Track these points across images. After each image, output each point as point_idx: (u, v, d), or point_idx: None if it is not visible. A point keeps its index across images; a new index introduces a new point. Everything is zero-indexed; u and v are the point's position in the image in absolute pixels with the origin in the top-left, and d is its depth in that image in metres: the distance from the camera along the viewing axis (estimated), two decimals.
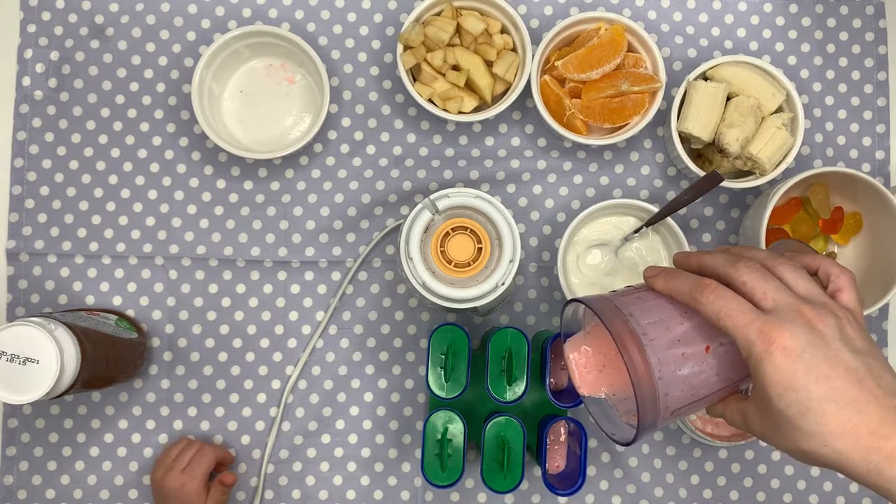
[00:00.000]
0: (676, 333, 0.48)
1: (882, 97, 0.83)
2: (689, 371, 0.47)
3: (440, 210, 0.64)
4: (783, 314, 0.44)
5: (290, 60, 0.80)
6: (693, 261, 0.50)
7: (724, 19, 0.83)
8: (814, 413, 0.42)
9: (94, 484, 0.78)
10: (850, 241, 0.80)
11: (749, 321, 0.44)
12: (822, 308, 0.44)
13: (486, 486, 0.66)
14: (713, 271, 0.48)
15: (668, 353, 0.47)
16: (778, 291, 0.45)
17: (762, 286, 0.45)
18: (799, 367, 0.42)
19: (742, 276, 0.46)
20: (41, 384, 0.61)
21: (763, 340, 0.43)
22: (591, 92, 0.76)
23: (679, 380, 0.47)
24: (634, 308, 0.49)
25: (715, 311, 0.45)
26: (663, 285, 0.49)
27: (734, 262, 0.47)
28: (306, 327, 0.80)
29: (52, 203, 0.80)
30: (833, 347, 0.43)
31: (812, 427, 0.42)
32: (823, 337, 0.43)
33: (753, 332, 0.43)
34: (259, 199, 0.81)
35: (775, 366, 0.43)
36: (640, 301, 0.50)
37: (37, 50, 0.80)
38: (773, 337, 0.43)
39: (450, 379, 0.67)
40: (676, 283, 0.48)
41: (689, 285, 0.47)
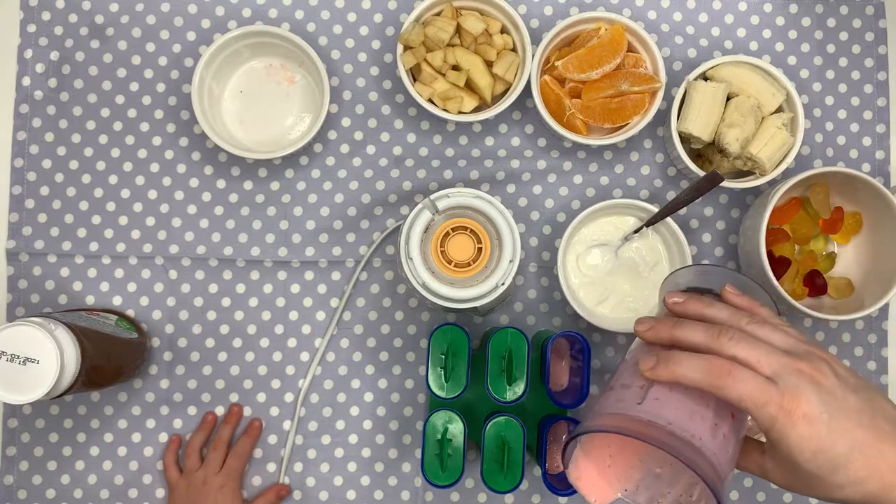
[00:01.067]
0: (712, 418, 0.47)
1: (882, 97, 0.83)
2: (732, 448, 0.47)
3: (440, 210, 0.64)
4: (788, 379, 0.45)
5: (290, 60, 0.80)
6: (664, 335, 0.50)
7: (724, 19, 0.83)
8: (842, 468, 0.44)
9: (94, 483, 0.78)
10: (850, 241, 0.80)
11: (767, 399, 0.44)
12: (811, 358, 0.46)
13: (486, 486, 0.66)
14: (693, 345, 0.48)
15: (715, 443, 0.46)
16: (769, 355, 0.46)
17: (753, 356, 0.46)
18: (822, 430, 0.44)
19: (730, 349, 0.46)
20: (41, 384, 0.61)
21: (785, 414, 0.44)
22: (591, 92, 0.76)
23: (728, 460, 0.47)
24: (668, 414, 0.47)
25: (736, 395, 0.45)
26: (669, 375, 0.47)
27: (717, 336, 0.47)
28: (306, 327, 0.80)
29: (52, 203, 0.80)
30: (839, 396, 0.45)
31: (844, 479, 0.44)
32: (829, 390, 0.45)
33: (774, 408, 0.44)
34: (259, 199, 0.81)
35: (801, 435, 0.44)
36: (660, 405, 0.47)
37: (37, 50, 0.80)
38: (792, 409, 0.44)
39: (450, 379, 0.67)
40: (685, 371, 0.46)
41: (701, 371, 0.46)
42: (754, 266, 0.74)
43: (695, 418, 0.46)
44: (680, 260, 0.76)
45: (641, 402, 0.48)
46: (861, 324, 0.81)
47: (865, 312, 0.73)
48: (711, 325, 0.48)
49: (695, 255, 0.80)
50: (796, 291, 0.77)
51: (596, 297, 0.78)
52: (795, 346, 0.47)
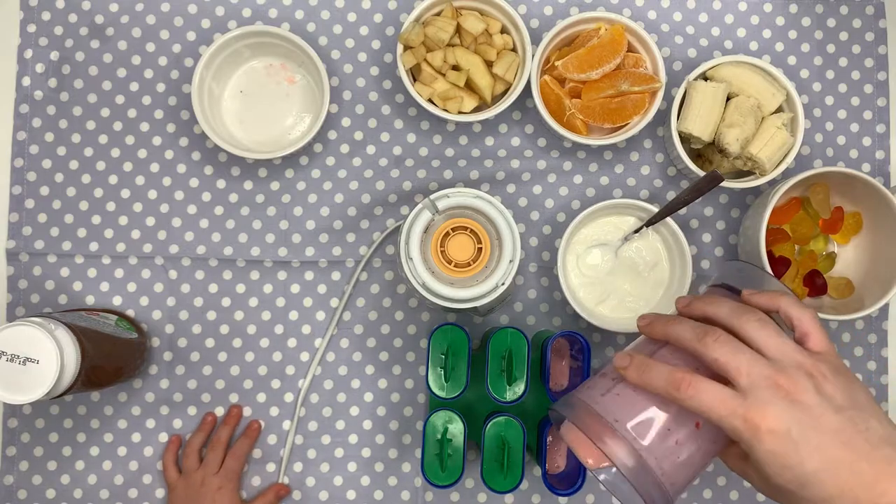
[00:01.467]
0: (665, 424, 0.48)
1: (882, 97, 0.83)
2: (687, 454, 0.48)
3: (440, 210, 0.64)
4: (761, 393, 0.45)
5: (290, 60, 0.80)
6: (658, 332, 0.51)
7: (724, 19, 0.83)
8: (812, 485, 0.44)
9: (94, 483, 0.78)
10: (850, 241, 0.80)
11: (731, 410, 0.45)
12: (795, 371, 0.45)
13: (486, 486, 0.66)
14: (681, 344, 0.49)
15: (662, 447, 0.47)
16: (751, 364, 0.45)
17: (734, 362, 0.46)
18: (788, 447, 0.44)
19: (712, 352, 0.46)
20: (41, 384, 0.61)
21: (749, 427, 0.44)
22: (591, 92, 0.76)
23: (680, 465, 0.48)
24: (618, 411, 0.49)
25: (696, 405, 0.46)
26: (637, 378, 0.48)
27: (702, 337, 0.47)
28: (306, 327, 0.80)
29: (52, 203, 0.80)
30: (815, 414, 0.44)
31: (814, 495, 0.44)
32: (804, 407, 0.44)
33: (738, 420, 0.44)
34: (259, 199, 0.81)
35: (766, 450, 0.44)
36: (619, 400, 0.49)
37: (37, 50, 0.80)
38: (756, 422, 0.44)
39: (450, 379, 0.67)
40: (651, 378, 0.48)
41: (663, 381, 0.47)
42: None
43: (646, 421, 0.48)
44: (680, 260, 0.76)
45: (605, 394, 0.50)
46: (861, 324, 0.81)
47: (865, 312, 0.73)
48: (701, 326, 0.48)
49: (695, 255, 0.80)
50: (796, 291, 0.77)
51: (596, 297, 0.78)
52: (786, 356, 0.46)
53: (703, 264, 0.81)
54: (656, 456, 0.47)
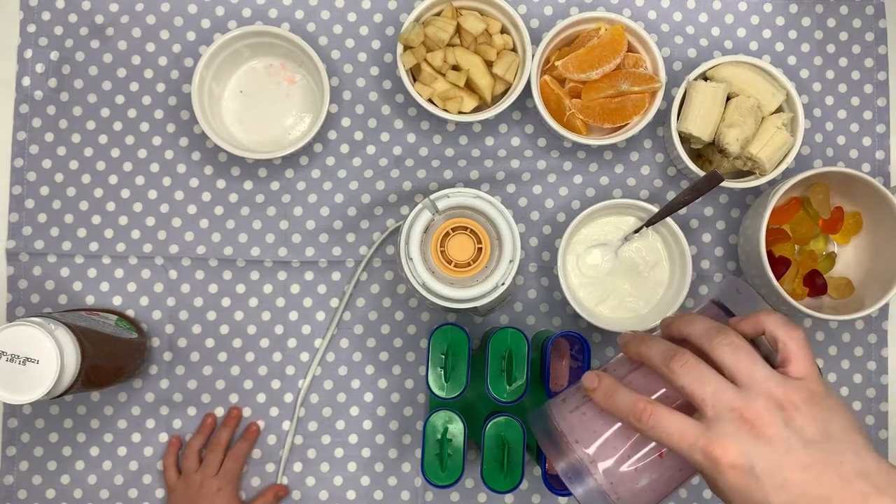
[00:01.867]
0: (625, 450, 0.48)
1: (882, 97, 0.83)
2: (647, 481, 0.48)
3: (440, 210, 0.64)
4: (724, 425, 0.43)
5: (290, 60, 0.80)
6: (632, 352, 0.49)
7: (724, 19, 0.83)
8: None
9: (94, 483, 0.78)
10: (850, 241, 0.80)
11: (691, 443, 0.43)
12: (765, 403, 0.43)
13: (486, 486, 0.66)
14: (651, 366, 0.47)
15: (621, 472, 0.47)
16: (716, 395, 0.44)
17: (700, 391, 0.44)
18: (751, 483, 0.42)
19: (678, 379, 0.45)
20: (41, 384, 0.61)
21: (710, 461, 0.43)
22: (591, 92, 0.76)
23: (639, 491, 0.47)
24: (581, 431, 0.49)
25: (657, 436, 0.45)
26: (603, 402, 0.48)
27: (668, 361, 0.46)
28: (306, 327, 0.80)
29: (52, 203, 0.80)
30: (782, 449, 0.42)
31: None
32: (770, 442, 0.42)
33: (698, 454, 0.43)
34: (259, 199, 0.81)
35: (729, 485, 0.43)
36: (584, 420, 0.49)
37: (37, 50, 0.80)
38: (717, 456, 0.42)
39: (450, 379, 0.67)
40: (616, 403, 0.47)
41: (626, 407, 0.46)
42: (754, 266, 0.74)
43: (606, 444, 0.48)
44: (680, 260, 0.76)
45: (573, 410, 0.50)
46: (861, 324, 0.81)
47: (865, 312, 0.73)
48: (672, 348, 0.46)
49: (695, 255, 0.80)
50: (796, 291, 0.77)
51: (596, 297, 0.78)
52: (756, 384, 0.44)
53: (703, 264, 0.81)
54: (612, 481, 0.47)
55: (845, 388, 0.81)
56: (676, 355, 0.45)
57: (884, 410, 0.81)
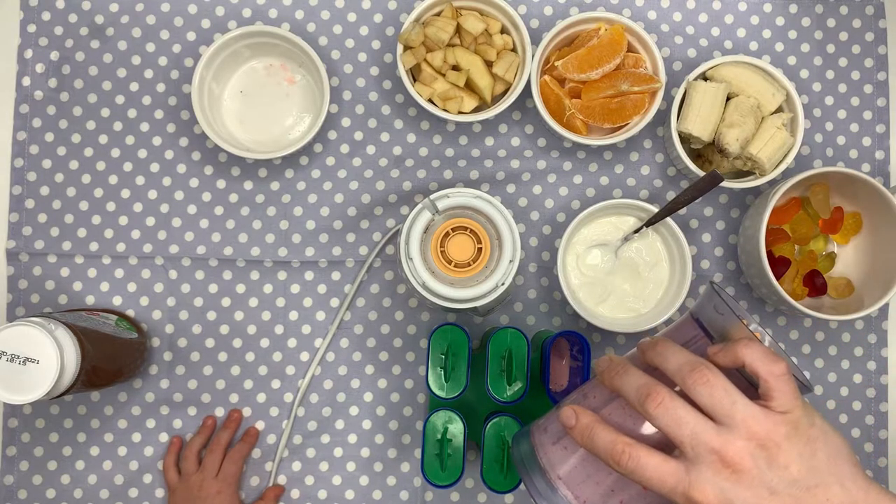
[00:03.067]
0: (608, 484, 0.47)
1: (882, 97, 0.83)
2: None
3: (440, 210, 0.64)
4: (704, 468, 0.42)
5: (290, 60, 0.80)
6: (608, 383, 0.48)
7: (724, 19, 0.83)
8: None
9: (94, 483, 0.78)
10: (850, 241, 0.80)
11: (671, 487, 0.43)
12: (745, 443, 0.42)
13: (486, 486, 0.66)
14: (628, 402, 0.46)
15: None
16: (695, 436, 0.43)
17: (678, 433, 0.43)
18: None
19: (655, 420, 0.44)
20: (41, 384, 0.61)
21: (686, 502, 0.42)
22: (590, 92, 0.76)
23: None
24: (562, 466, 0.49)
25: (636, 479, 0.44)
26: (580, 441, 0.47)
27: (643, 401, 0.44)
28: (306, 327, 0.80)
29: (52, 203, 0.80)
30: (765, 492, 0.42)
31: None
32: (752, 484, 0.42)
33: (679, 497, 0.43)
34: (259, 199, 0.81)
35: None
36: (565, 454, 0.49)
37: (37, 50, 0.80)
38: (698, 501, 0.42)
39: (450, 379, 0.67)
40: (595, 443, 0.46)
41: (604, 448, 0.45)
42: (754, 266, 0.74)
43: (589, 481, 0.48)
44: (680, 260, 0.76)
45: (555, 442, 0.50)
46: (861, 324, 0.81)
47: (865, 312, 0.73)
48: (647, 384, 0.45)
49: (695, 256, 0.80)
50: (796, 291, 0.77)
51: (596, 297, 0.78)
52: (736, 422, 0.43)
53: (703, 264, 0.81)
54: None
55: (845, 388, 0.81)
56: (651, 395, 0.44)
57: (884, 410, 0.81)
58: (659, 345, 0.47)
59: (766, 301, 0.80)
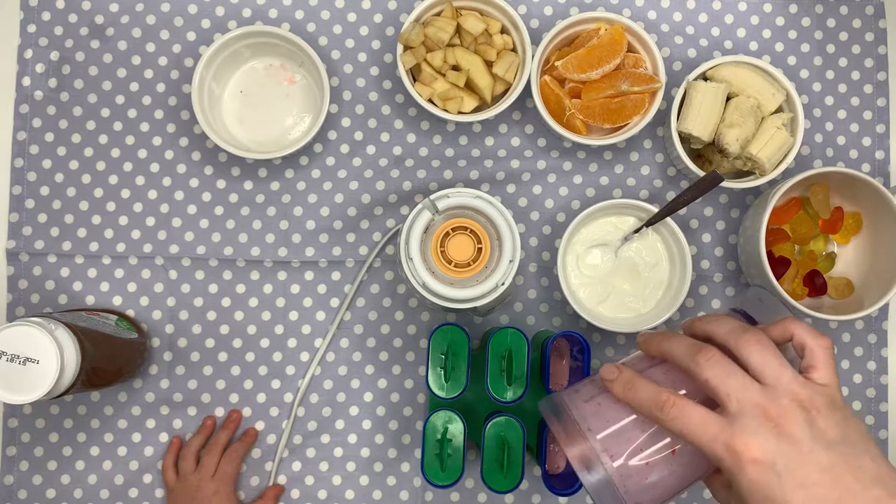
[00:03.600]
0: (639, 443, 0.47)
1: (882, 97, 0.83)
2: (657, 477, 0.47)
3: (440, 210, 0.64)
4: (748, 421, 0.43)
5: (290, 60, 0.80)
6: (654, 348, 0.49)
7: (724, 19, 0.83)
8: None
9: (94, 483, 0.78)
10: (850, 241, 0.80)
11: (713, 436, 0.43)
12: (789, 403, 0.44)
13: (486, 486, 0.66)
14: (674, 361, 0.47)
15: (631, 465, 0.47)
16: (742, 390, 0.44)
17: (724, 386, 0.44)
18: (772, 480, 0.42)
19: (703, 372, 0.45)
20: (41, 384, 0.61)
21: (731, 456, 0.43)
22: (590, 92, 0.76)
23: (648, 487, 0.47)
24: (594, 420, 0.49)
25: (678, 428, 0.45)
26: (622, 394, 0.48)
27: (695, 355, 0.46)
28: (306, 327, 0.80)
29: (52, 203, 0.80)
30: (804, 450, 0.43)
31: None
32: (793, 440, 0.43)
33: (720, 447, 0.43)
34: (259, 199, 0.81)
35: (749, 479, 0.42)
36: (598, 410, 0.49)
37: (37, 50, 0.80)
38: (740, 451, 0.43)
39: (450, 379, 0.67)
40: (635, 395, 0.47)
41: (647, 400, 0.46)
42: (754, 266, 0.74)
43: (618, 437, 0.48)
44: (680, 260, 0.76)
45: (588, 400, 0.50)
46: (861, 324, 0.81)
47: (865, 312, 0.73)
48: (697, 343, 0.47)
49: (695, 256, 0.80)
50: (796, 291, 0.77)
51: (596, 297, 0.78)
52: (782, 384, 0.44)
53: (703, 264, 0.81)
54: (622, 473, 0.47)
55: (845, 388, 0.81)
56: (703, 350, 0.46)
57: (884, 410, 0.81)
58: (709, 315, 0.49)
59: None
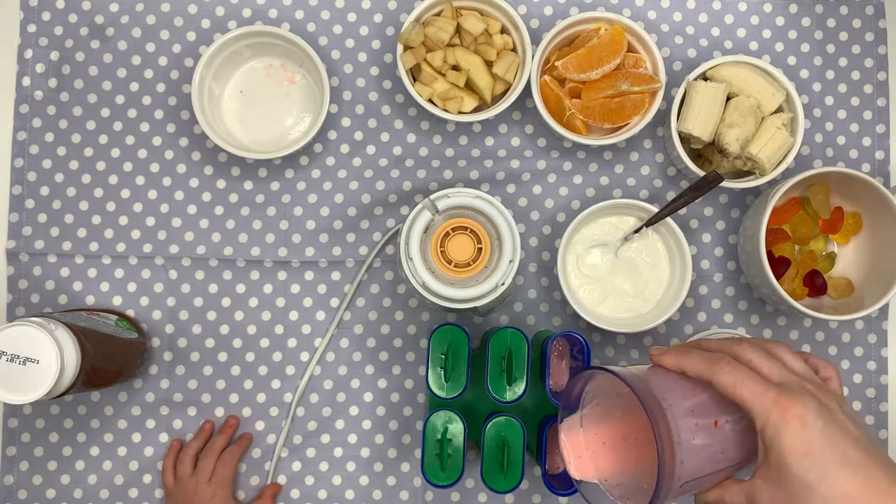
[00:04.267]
0: (690, 404, 0.49)
1: (882, 97, 0.83)
2: (701, 442, 0.48)
3: (440, 210, 0.64)
4: (792, 387, 0.47)
5: (290, 60, 0.80)
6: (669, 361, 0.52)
7: (724, 19, 0.83)
8: (831, 477, 0.44)
9: (94, 483, 0.78)
10: (850, 241, 0.80)
11: (763, 391, 0.46)
12: (820, 386, 0.49)
13: (486, 486, 0.66)
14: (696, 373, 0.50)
15: (684, 420, 0.48)
16: (781, 370, 0.48)
17: (767, 364, 0.48)
18: (814, 435, 0.45)
19: (747, 354, 0.49)
20: (41, 384, 0.61)
21: (779, 408, 0.46)
22: (590, 92, 0.76)
23: (693, 449, 0.48)
24: (653, 379, 0.50)
25: (731, 381, 0.47)
26: (674, 362, 0.51)
27: (737, 343, 0.50)
28: (306, 327, 0.80)
29: (52, 203, 0.80)
30: (839, 419, 0.46)
31: (830, 491, 0.44)
32: (830, 410, 0.46)
33: (769, 400, 0.46)
34: (259, 199, 0.81)
35: (793, 432, 0.45)
36: (654, 373, 0.51)
37: (37, 50, 0.80)
38: (787, 406, 0.46)
39: (450, 379, 0.67)
40: (689, 359, 0.50)
41: (703, 359, 0.49)
42: (754, 266, 0.74)
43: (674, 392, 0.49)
44: (680, 260, 0.76)
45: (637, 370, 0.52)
46: (861, 324, 0.81)
47: (865, 312, 0.73)
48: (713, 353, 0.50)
49: (695, 255, 0.80)
50: (796, 291, 0.77)
51: (596, 297, 0.78)
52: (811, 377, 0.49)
53: (703, 264, 0.81)
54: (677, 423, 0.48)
55: (845, 388, 0.81)
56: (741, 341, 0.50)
57: (883, 410, 0.81)
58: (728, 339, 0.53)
59: (766, 301, 0.80)
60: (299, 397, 0.79)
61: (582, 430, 0.55)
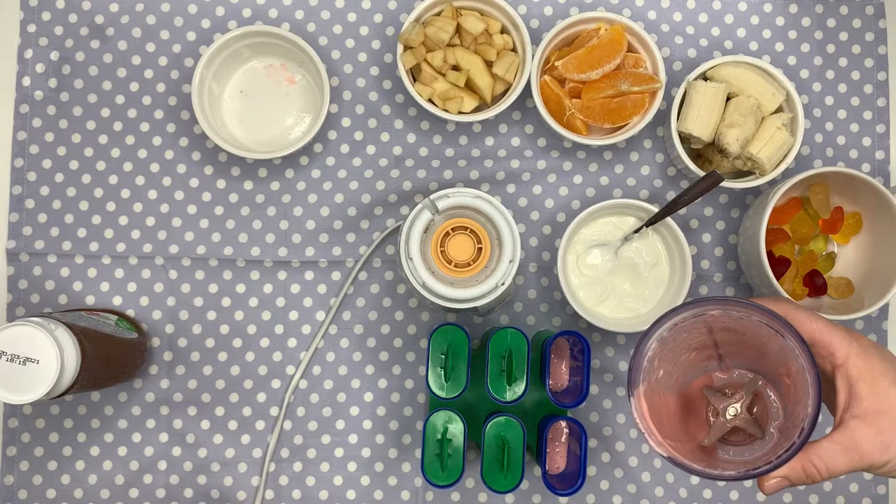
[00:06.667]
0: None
1: (882, 97, 0.83)
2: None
3: (440, 210, 0.64)
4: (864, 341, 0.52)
5: (290, 60, 0.80)
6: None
7: (724, 19, 0.83)
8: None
9: (94, 483, 0.78)
10: (850, 241, 0.80)
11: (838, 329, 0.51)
12: None
13: (486, 486, 0.66)
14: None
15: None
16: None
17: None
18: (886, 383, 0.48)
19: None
20: (41, 384, 0.61)
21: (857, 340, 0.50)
22: (591, 92, 0.76)
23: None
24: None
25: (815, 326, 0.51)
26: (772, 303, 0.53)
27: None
28: (306, 327, 0.80)
29: (52, 203, 0.80)
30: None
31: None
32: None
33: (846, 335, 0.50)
34: (259, 199, 0.81)
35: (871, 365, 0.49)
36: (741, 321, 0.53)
37: (37, 50, 0.80)
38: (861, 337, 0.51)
39: (450, 379, 0.67)
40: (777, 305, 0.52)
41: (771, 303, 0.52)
42: (754, 266, 0.74)
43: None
44: (680, 260, 0.76)
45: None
46: (861, 324, 0.81)
47: (865, 312, 0.73)
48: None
49: (695, 255, 0.80)
50: (796, 291, 0.77)
51: (596, 297, 0.78)
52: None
53: (703, 264, 0.81)
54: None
55: None
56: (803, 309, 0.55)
57: None
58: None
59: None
60: (291, 392, 0.79)
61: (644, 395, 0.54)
